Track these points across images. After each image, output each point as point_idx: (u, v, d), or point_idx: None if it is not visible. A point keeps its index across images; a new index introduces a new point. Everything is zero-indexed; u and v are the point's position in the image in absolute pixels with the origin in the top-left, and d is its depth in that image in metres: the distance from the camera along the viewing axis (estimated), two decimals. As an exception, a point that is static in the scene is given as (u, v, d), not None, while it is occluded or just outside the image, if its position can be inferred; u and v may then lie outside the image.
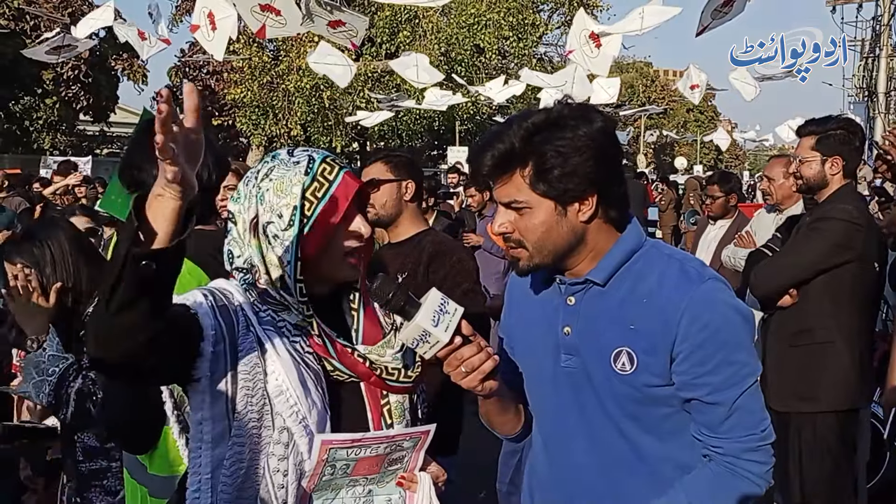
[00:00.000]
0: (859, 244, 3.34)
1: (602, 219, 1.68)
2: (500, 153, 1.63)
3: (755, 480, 1.66)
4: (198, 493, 1.52)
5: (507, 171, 1.64)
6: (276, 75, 25.69)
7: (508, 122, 1.67)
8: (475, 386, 1.60)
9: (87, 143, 30.10)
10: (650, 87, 52.78)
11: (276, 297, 1.57)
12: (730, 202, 5.85)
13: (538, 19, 28.76)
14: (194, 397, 1.53)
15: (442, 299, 1.54)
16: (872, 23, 20.43)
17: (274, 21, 7.24)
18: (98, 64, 25.88)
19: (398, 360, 1.62)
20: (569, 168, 1.60)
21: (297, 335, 1.58)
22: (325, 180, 1.59)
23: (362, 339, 1.65)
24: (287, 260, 1.54)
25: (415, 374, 1.65)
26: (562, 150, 1.59)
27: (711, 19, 7.63)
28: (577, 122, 1.62)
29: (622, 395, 1.68)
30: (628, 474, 1.73)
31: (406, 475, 1.61)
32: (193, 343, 1.47)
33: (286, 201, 1.55)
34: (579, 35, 9.27)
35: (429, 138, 30.98)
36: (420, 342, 1.52)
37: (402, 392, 1.68)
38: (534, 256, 1.68)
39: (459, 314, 1.54)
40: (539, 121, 1.63)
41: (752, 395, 1.66)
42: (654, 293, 1.66)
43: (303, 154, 1.63)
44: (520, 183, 1.63)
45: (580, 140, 1.60)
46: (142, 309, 1.29)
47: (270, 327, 1.56)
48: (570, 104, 1.68)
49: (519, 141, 1.62)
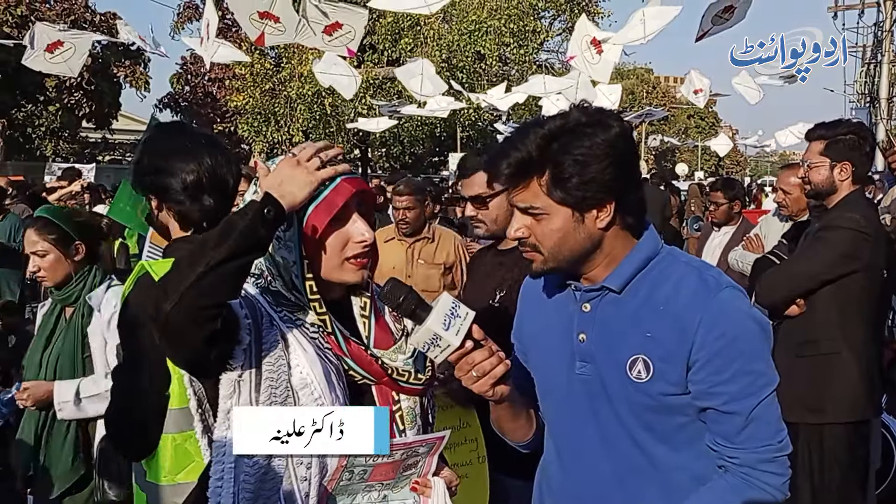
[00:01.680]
0: (866, 254, 3.29)
1: (619, 225, 1.67)
2: (516, 161, 1.62)
3: (771, 492, 1.64)
4: (220, 483, 1.53)
5: (524, 178, 1.63)
6: (277, 82, 25.73)
7: (524, 130, 1.65)
8: (486, 391, 1.59)
9: (89, 150, 30.15)
10: (651, 93, 52.83)
11: (290, 297, 1.58)
12: (734, 209, 5.87)
13: (539, 26, 28.77)
14: (225, 387, 1.53)
15: (453, 303, 1.53)
16: (874, 29, 20.46)
17: (273, 28, 7.20)
18: (100, 71, 25.90)
19: (409, 364, 1.63)
20: (587, 176, 1.59)
21: (316, 333, 1.59)
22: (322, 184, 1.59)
23: (374, 345, 1.66)
24: (292, 260, 1.56)
25: (425, 378, 1.65)
26: (580, 159, 1.58)
27: (712, 24, 7.61)
28: (594, 130, 1.60)
29: (637, 404, 1.67)
30: (643, 483, 1.71)
31: (420, 480, 1.62)
32: (235, 329, 1.49)
33: None
34: (581, 41, 9.26)
35: (430, 145, 30.97)
36: (431, 346, 1.52)
37: (413, 394, 1.68)
38: (548, 261, 1.67)
39: (471, 318, 1.54)
40: (555, 127, 1.61)
41: (770, 406, 1.65)
42: (671, 301, 1.64)
43: None
44: (537, 190, 1.62)
45: (598, 148, 1.59)
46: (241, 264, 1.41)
47: (290, 324, 1.57)
48: (586, 109, 1.66)
49: (536, 149, 1.60)
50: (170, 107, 33.13)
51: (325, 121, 26.01)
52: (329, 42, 7.53)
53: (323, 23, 7.35)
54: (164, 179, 2.18)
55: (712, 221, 6.07)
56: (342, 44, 7.55)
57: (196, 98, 32.59)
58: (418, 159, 31.49)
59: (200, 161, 2.16)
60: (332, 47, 7.71)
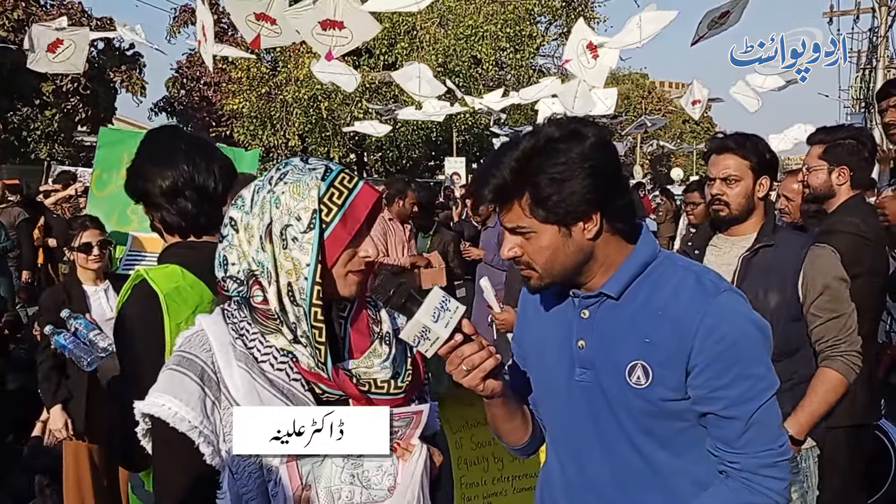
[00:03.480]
0: (868, 258, 3.29)
1: (609, 232, 1.66)
2: (494, 188, 1.62)
3: (773, 497, 1.64)
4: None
5: (505, 202, 1.64)
6: (273, 86, 25.74)
7: (500, 153, 1.65)
8: (476, 384, 1.59)
9: (84, 154, 30.08)
10: (646, 98, 52.95)
11: (276, 309, 1.53)
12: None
13: (535, 31, 28.84)
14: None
15: (443, 297, 1.54)
16: (869, 34, 20.53)
17: (269, 30, 7.10)
18: (97, 76, 25.89)
19: (387, 368, 1.59)
20: (566, 192, 1.58)
21: (283, 363, 1.55)
22: (345, 188, 1.56)
23: (350, 347, 1.62)
24: (307, 262, 1.50)
25: (405, 385, 1.61)
26: (556, 178, 1.58)
27: (708, 30, 7.64)
28: (567, 144, 1.59)
29: (637, 409, 1.66)
30: (643, 488, 1.71)
31: (402, 443, 1.58)
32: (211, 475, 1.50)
33: (304, 204, 1.52)
34: (577, 45, 9.27)
35: (426, 149, 30.99)
36: (421, 339, 1.52)
37: (393, 404, 1.63)
38: (544, 277, 1.68)
39: (461, 312, 1.54)
40: (528, 148, 1.61)
41: (770, 410, 1.64)
42: (670, 305, 1.64)
43: (318, 162, 1.61)
44: (519, 212, 1.63)
45: (574, 163, 1.58)
46: None
47: (250, 363, 1.53)
48: (559, 121, 1.65)
49: (510, 174, 1.60)
50: (165, 111, 33.11)
51: (321, 125, 26.04)
52: (317, 35, 7.18)
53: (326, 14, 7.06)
54: (143, 185, 2.19)
55: (690, 223, 6.15)
56: (328, 44, 7.22)
57: (192, 102, 32.58)
58: (414, 163, 31.49)
59: (176, 166, 2.16)
60: (317, 41, 7.29)
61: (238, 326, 1.56)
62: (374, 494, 1.54)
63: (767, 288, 2.81)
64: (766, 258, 2.86)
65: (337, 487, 1.53)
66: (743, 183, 2.89)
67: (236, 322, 1.56)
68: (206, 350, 1.53)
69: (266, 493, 1.51)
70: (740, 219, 2.94)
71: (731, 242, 2.98)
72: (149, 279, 2.02)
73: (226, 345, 1.53)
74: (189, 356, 1.52)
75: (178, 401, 1.47)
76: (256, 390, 1.51)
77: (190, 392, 1.48)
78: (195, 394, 1.48)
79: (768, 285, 2.80)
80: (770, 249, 2.87)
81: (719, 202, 2.94)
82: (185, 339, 1.57)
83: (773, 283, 2.80)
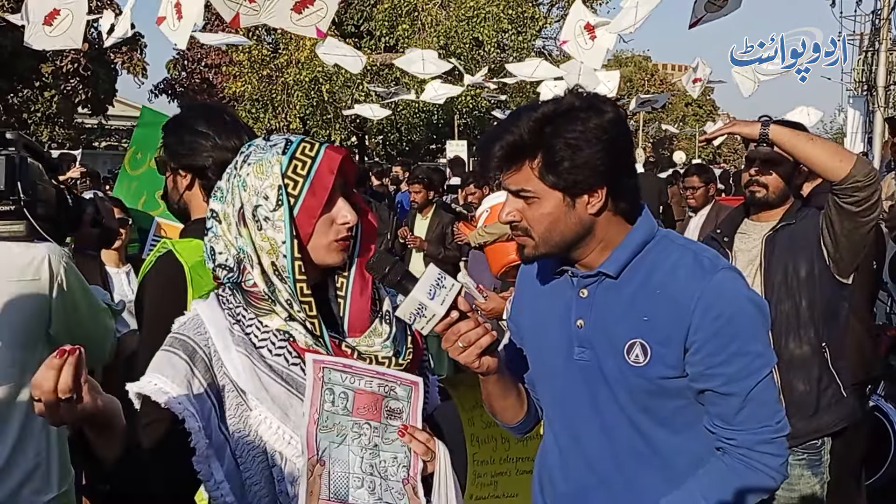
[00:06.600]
0: None
1: (612, 211, 1.67)
2: (508, 144, 1.62)
3: (770, 473, 1.65)
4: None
5: (515, 162, 1.63)
6: (274, 69, 25.63)
7: (517, 114, 1.66)
8: (472, 361, 1.60)
9: (84, 136, 30.02)
10: (649, 81, 52.71)
11: (266, 290, 1.53)
12: (709, 192, 6.09)
13: (537, 13, 28.65)
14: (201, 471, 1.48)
15: (439, 275, 1.54)
16: (872, 17, 20.39)
17: (248, 9, 6.89)
18: (97, 57, 25.78)
19: (388, 347, 1.59)
20: (579, 160, 1.58)
21: (282, 345, 1.54)
22: (307, 157, 1.55)
23: (348, 326, 1.62)
24: (282, 240, 1.50)
25: (406, 362, 1.62)
26: (572, 143, 1.58)
27: (705, 11, 7.53)
28: (587, 114, 1.60)
29: (636, 388, 1.67)
30: (642, 466, 1.72)
31: (408, 426, 1.58)
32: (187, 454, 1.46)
33: (269, 182, 1.52)
34: (575, 25, 9.20)
35: (427, 132, 30.90)
36: (417, 317, 1.53)
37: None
38: (539, 246, 1.68)
39: (456, 289, 1.54)
40: (549, 111, 1.61)
41: (767, 387, 1.65)
42: (668, 284, 1.65)
43: (279, 137, 1.60)
44: (528, 173, 1.63)
45: (591, 132, 1.59)
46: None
47: (249, 346, 1.53)
48: (580, 94, 1.66)
49: (528, 132, 1.60)
50: (166, 93, 32.97)
51: (323, 107, 25.94)
52: (298, 21, 6.98)
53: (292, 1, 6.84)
54: (200, 158, 2.14)
55: (689, 206, 6.23)
56: (311, 23, 7.02)
57: (193, 84, 32.44)
58: (415, 147, 31.42)
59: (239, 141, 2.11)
60: (301, 27, 7.10)
61: (234, 312, 1.55)
62: (391, 485, 1.55)
63: (795, 261, 2.85)
64: (787, 233, 2.91)
65: (357, 476, 1.53)
66: (783, 167, 2.91)
67: (231, 308, 1.56)
68: (200, 333, 1.53)
69: (271, 480, 1.51)
70: (775, 203, 2.97)
71: (759, 228, 3.00)
72: (175, 251, 2.00)
73: (223, 329, 1.53)
74: (182, 337, 1.52)
75: (164, 377, 1.47)
76: (257, 374, 1.51)
77: (177, 369, 1.48)
78: (182, 371, 1.48)
79: (795, 258, 2.85)
80: (791, 226, 2.91)
81: (757, 184, 2.96)
82: (180, 324, 1.57)
83: (799, 255, 2.84)
